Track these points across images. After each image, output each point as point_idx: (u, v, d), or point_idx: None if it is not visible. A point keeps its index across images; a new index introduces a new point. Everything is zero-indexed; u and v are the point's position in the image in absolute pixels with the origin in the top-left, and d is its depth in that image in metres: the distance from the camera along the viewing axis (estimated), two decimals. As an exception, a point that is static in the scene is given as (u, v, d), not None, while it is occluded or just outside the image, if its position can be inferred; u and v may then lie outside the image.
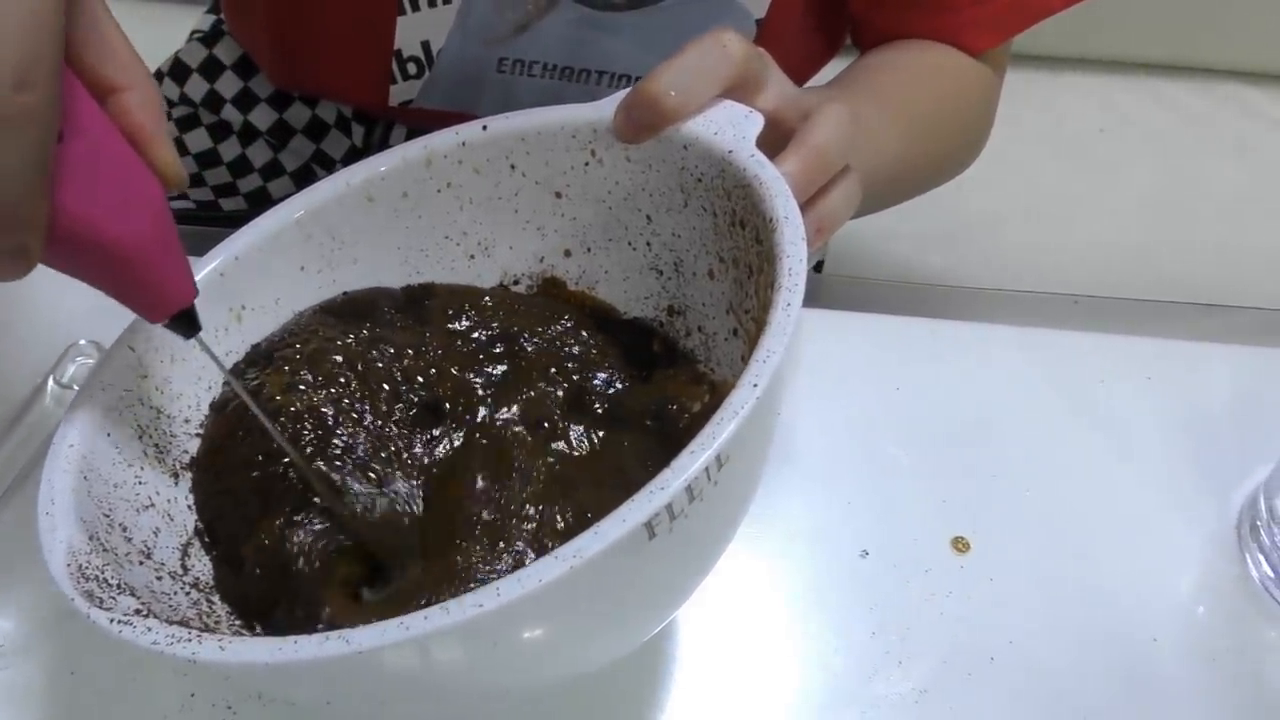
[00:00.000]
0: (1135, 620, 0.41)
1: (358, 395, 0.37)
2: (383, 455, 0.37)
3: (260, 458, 0.36)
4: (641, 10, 0.53)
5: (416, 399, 0.38)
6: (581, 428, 0.38)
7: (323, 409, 0.37)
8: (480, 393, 0.39)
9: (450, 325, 0.40)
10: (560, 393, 0.39)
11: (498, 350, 0.40)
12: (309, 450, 0.36)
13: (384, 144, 0.65)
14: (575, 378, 0.39)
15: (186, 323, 0.32)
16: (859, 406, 0.47)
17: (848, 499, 0.45)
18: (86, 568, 0.29)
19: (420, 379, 0.39)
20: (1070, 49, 1.00)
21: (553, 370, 0.39)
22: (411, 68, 0.56)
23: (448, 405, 0.38)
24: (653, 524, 0.25)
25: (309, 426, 0.36)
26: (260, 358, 0.38)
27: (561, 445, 0.38)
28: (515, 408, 0.38)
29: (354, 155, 0.67)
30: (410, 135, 0.66)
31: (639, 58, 0.55)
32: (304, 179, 0.68)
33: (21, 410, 0.45)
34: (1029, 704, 0.39)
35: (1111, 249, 0.88)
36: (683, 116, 0.34)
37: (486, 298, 0.41)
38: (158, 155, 0.29)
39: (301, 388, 0.37)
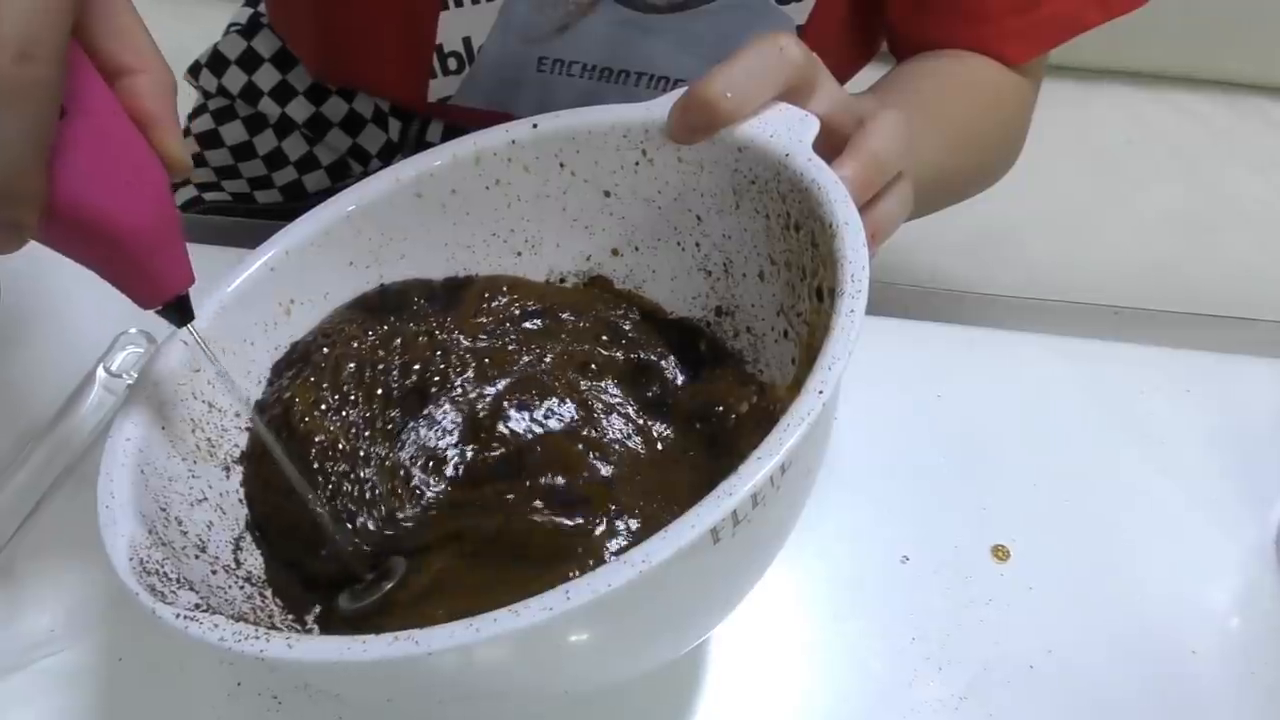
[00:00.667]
0: (1173, 632, 0.41)
1: (364, 414, 0.38)
2: (394, 487, 0.38)
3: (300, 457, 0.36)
4: (683, 13, 0.53)
5: (406, 387, 0.39)
6: (630, 410, 0.38)
7: (340, 442, 0.37)
8: (508, 352, 0.39)
9: (484, 306, 0.40)
10: (612, 355, 0.39)
11: (534, 324, 0.40)
12: (329, 485, 0.36)
13: (421, 139, 0.65)
14: (626, 353, 0.39)
15: (179, 311, 0.31)
16: (900, 413, 0.47)
17: (888, 505, 0.45)
18: (147, 561, 0.30)
19: (419, 365, 0.39)
20: (1100, 60, 1.00)
21: (604, 337, 0.39)
22: (452, 63, 0.56)
23: (434, 388, 0.39)
24: (718, 530, 0.25)
25: (331, 457, 0.37)
26: (298, 358, 0.39)
27: (615, 424, 0.38)
28: (551, 358, 0.39)
29: (390, 150, 0.67)
30: (447, 132, 0.66)
31: (679, 60, 0.55)
32: (339, 173, 0.68)
33: (73, 398, 0.45)
34: (1068, 713, 0.39)
35: (1135, 260, 0.88)
36: (738, 119, 0.34)
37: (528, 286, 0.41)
38: (164, 141, 0.29)
39: (323, 408, 0.37)
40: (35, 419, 0.45)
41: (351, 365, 0.39)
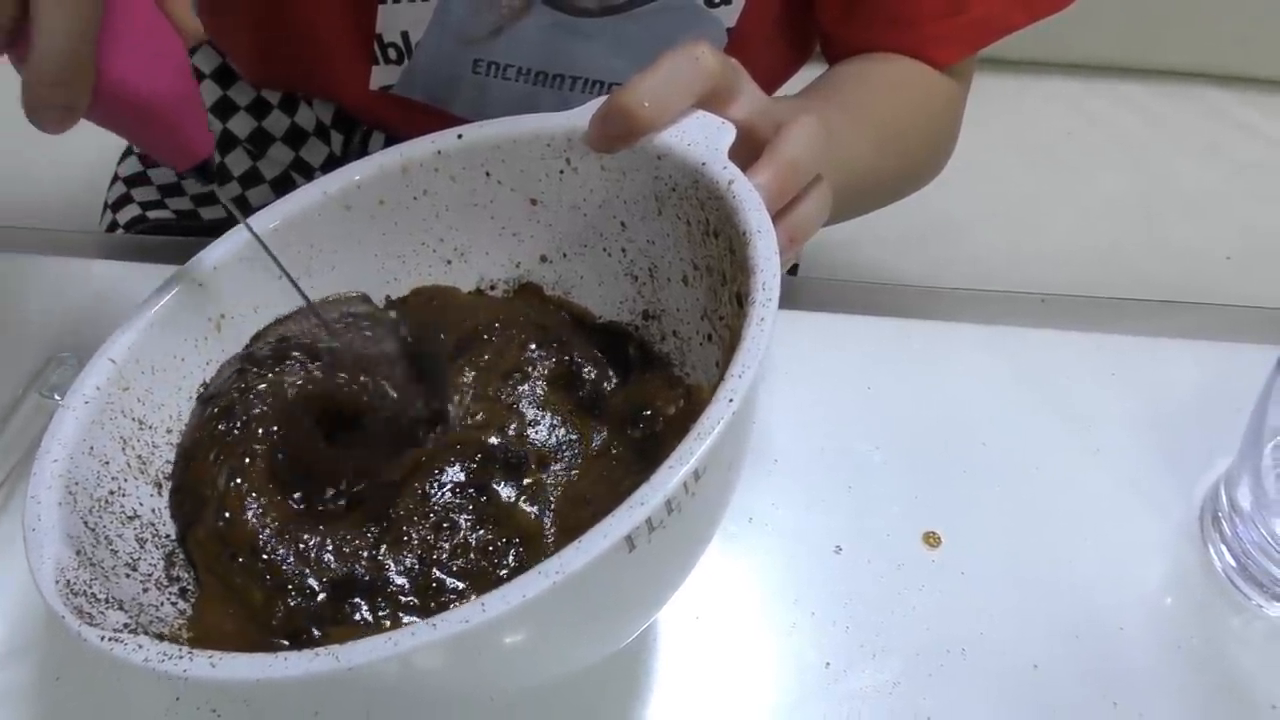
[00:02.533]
0: (1103, 611, 0.43)
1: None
2: None
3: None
4: (614, 17, 0.54)
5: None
6: (563, 413, 0.38)
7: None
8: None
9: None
10: (546, 364, 0.39)
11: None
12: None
13: (363, 151, 0.66)
14: (558, 356, 0.40)
15: (206, 172, 0.35)
16: (831, 405, 0.48)
17: (820, 496, 0.45)
18: (75, 583, 0.30)
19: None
20: (1037, 53, 1.02)
21: (532, 344, 0.40)
22: (392, 53, 0.57)
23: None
24: (633, 537, 0.26)
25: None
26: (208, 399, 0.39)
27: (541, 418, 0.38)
28: (482, 365, 0.39)
29: (333, 162, 0.67)
30: (388, 142, 0.66)
31: (612, 64, 0.56)
32: (283, 186, 0.68)
33: (3, 420, 0.45)
34: (1001, 694, 0.40)
35: (1079, 250, 0.90)
36: (656, 127, 0.35)
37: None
38: (174, 10, 0.32)
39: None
40: (-30, 441, 0.45)
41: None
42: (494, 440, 0.37)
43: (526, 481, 0.36)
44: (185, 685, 0.38)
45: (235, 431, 0.37)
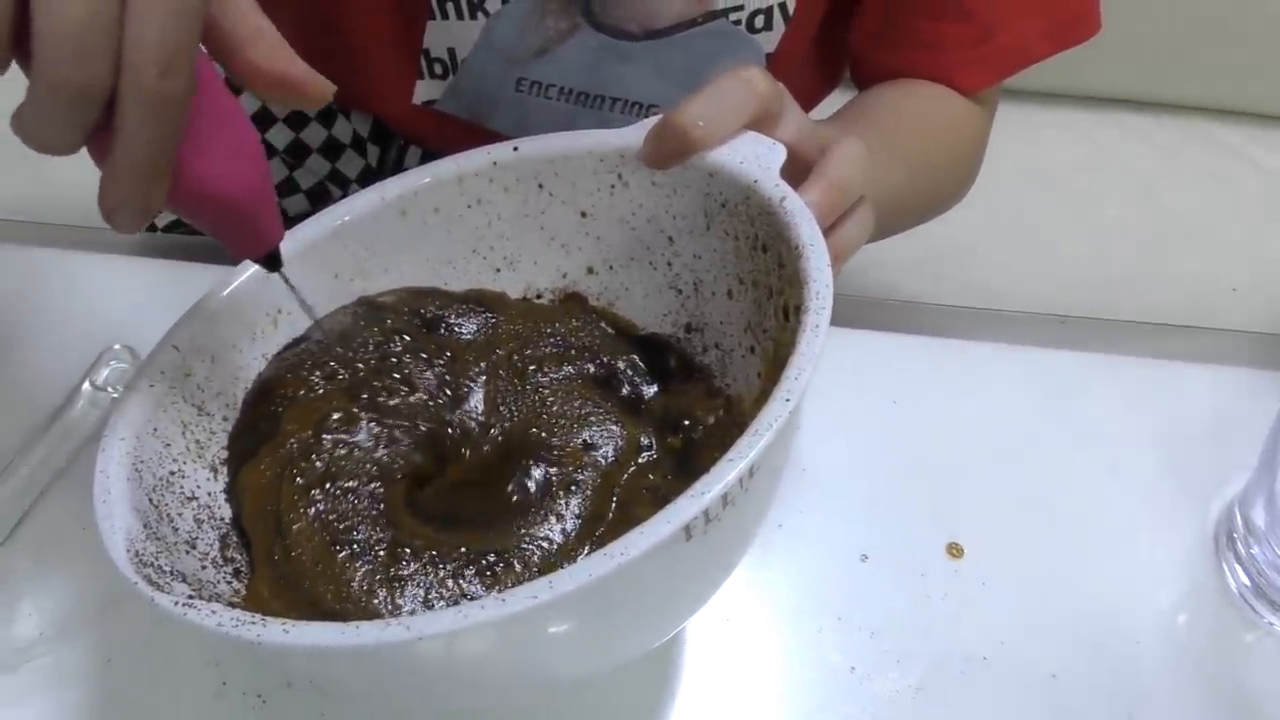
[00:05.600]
0: (1120, 625, 0.44)
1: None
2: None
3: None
4: (657, 40, 0.55)
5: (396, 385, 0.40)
6: (606, 407, 0.40)
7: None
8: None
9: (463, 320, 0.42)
10: (589, 366, 0.41)
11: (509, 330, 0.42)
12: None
13: (399, 164, 0.67)
14: (598, 358, 0.41)
15: (272, 259, 0.35)
16: (858, 419, 0.50)
17: (848, 506, 0.47)
18: (143, 554, 0.31)
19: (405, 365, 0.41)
20: (1052, 85, 1.04)
21: (573, 350, 0.41)
22: (438, 68, 0.58)
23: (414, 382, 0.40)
24: (691, 527, 0.27)
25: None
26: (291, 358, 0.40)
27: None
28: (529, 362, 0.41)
29: (369, 175, 0.69)
30: (425, 157, 0.68)
31: (653, 86, 0.58)
32: (319, 197, 0.69)
33: (58, 412, 0.46)
34: (1020, 701, 0.42)
35: (1087, 276, 0.91)
36: (709, 146, 0.36)
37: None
38: (308, 80, 0.30)
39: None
40: (24, 431, 0.46)
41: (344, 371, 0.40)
42: (545, 437, 0.38)
43: (573, 479, 0.38)
44: (230, 669, 0.40)
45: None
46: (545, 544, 0.36)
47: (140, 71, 0.25)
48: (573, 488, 0.37)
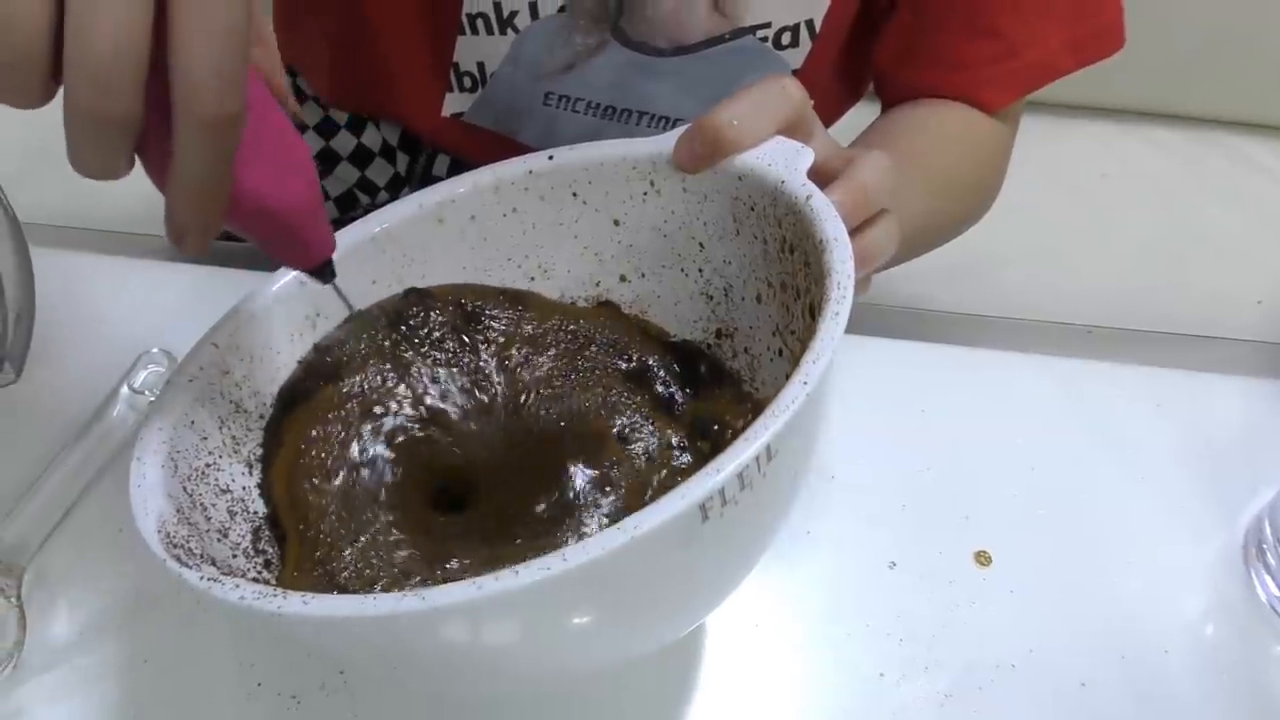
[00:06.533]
0: (1149, 634, 0.44)
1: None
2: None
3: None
4: (685, 57, 0.56)
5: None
6: (645, 407, 0.40)
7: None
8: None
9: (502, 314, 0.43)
10: (622, 362, 0.41)
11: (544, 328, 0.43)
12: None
13: (427, 172, 0.68)
14: (635, 357, 0.41)
15: (325, 270, 0.35)
16: (887, 427, 0.50)
17: (876, 513, 0.47)
18: (174, 536, 0.32)
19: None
20: (1077, 97, 1.04)
21: (606, 352, 0.42)
22: (467, 81, 0.59)
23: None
24: (706, 506, 0.27)
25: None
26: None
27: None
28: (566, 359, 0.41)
29: (397, 183, 0.69)
30: (453, 165, 0.69)
31: (679, 101, 0.58)
32: (348, 204, 0.70)
33: (97, 414, 0.47)
34: (1048, 709, 0.42)
35: (1110, 289, 0.91)
36: (741, 148, 0.37)
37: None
38: (287, 104, 0.31)
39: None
40: (62, 434, 0.47)
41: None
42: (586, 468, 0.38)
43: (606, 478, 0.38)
44: (265, 669, 0.40)
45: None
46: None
47: (194, 100, 0.25)
48: (607, 488, 0.38)
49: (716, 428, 0.40)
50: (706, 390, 0.42)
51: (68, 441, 0.46)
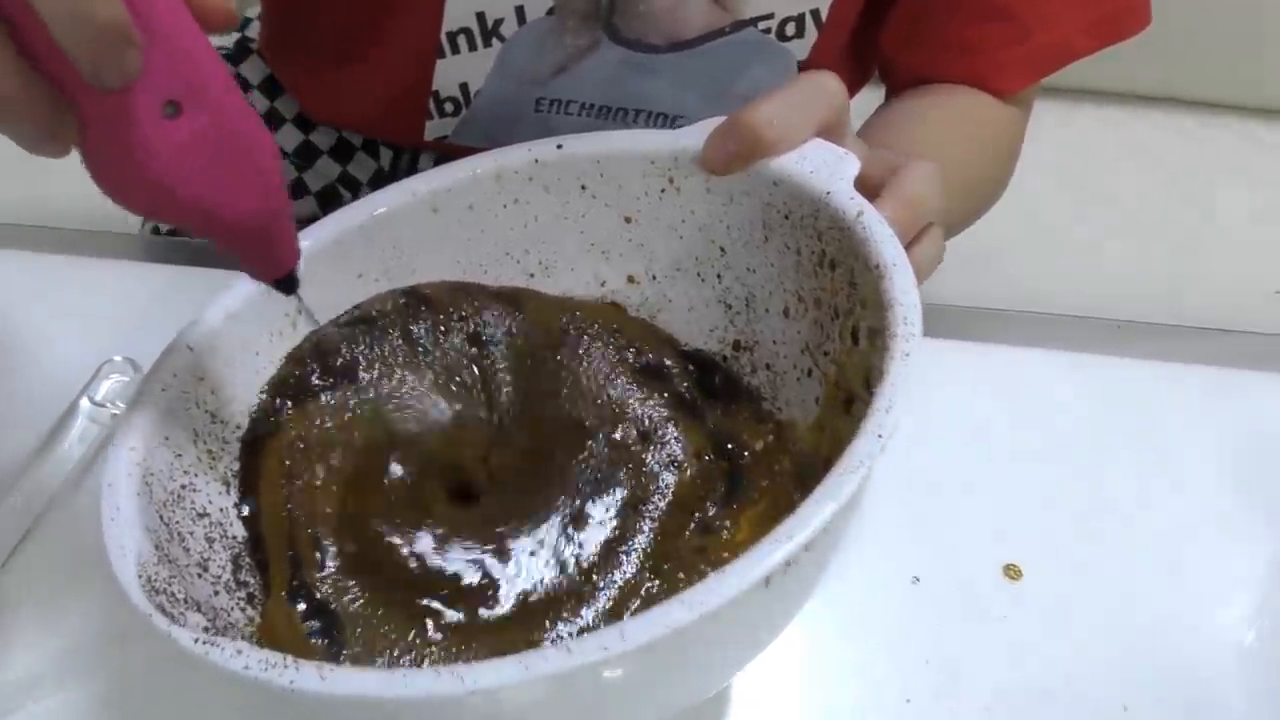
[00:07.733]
0: (1192, 651, 0.42)
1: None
2: None
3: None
4: (682, 52, 0.53)
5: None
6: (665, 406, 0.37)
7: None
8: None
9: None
10: (637, 360, 0.39)
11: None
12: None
13: (413, 169, 0.65)
14: (650, 355, 0.39)
15: (286, 283, 0.33)
16: (909, 431, 0.47)
17: (896, 524, 0.44)
18: (155, 580, 0.28)
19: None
20: (1090, 81, 1.02)
21: (616, 354, 0.39)
22: (449, 106, 0.57)
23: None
24: (770, 576, 0.25)
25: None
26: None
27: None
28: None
29: (381, 178, 0.66)
30: (439, 161, 0.65)
31: (677, 97, 0.55)
32: (329, 199, 0.67)
33: (54, 431, 0.43)
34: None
35: (1125, 277, 0.90)
36: (780, 151, 0.34)
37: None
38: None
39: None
40: (16, 453, 0.43)
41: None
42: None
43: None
44: (254, 710, 0.37)
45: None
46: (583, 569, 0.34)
47: None
48: (616, 485, 0.36)
49: (732, 446, 0.38)
50: (722, 404, 0.39)
51: (22, 462, 0.42)
